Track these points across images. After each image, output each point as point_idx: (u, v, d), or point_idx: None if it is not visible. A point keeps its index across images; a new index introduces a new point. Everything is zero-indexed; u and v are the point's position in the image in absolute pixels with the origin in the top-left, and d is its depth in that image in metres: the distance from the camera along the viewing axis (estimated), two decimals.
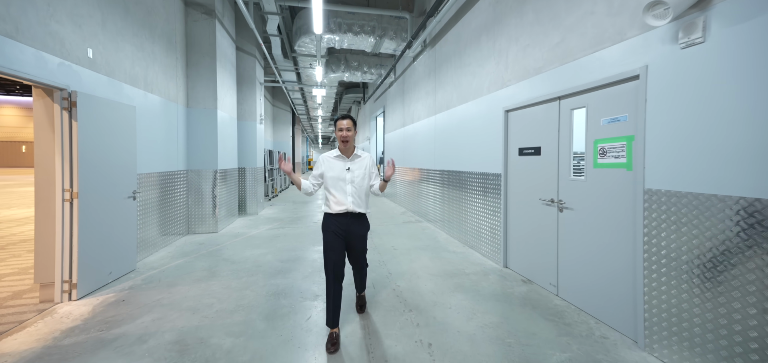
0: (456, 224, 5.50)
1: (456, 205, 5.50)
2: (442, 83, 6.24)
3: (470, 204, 4.99)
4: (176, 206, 5.29)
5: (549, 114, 3.33)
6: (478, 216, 4.75)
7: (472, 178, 4.92)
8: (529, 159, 3.61)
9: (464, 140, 5.23)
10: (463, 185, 5.22)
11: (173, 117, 5.16)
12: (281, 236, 5.70)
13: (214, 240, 5.34)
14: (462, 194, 5.28)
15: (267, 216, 7.75)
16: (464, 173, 5.20)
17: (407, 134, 8.66)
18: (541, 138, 3.44)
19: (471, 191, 4.97)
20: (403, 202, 9.20)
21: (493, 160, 4.34)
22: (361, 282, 2.83)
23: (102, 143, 3.29)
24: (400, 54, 7.40)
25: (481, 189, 4.67)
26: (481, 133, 4.69)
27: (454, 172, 5.62)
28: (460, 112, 5.38)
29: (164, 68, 4.85)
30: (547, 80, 3.33)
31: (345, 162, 2.54)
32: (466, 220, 5.12)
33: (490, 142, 4.42)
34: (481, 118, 4.68)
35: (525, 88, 3.70)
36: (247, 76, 7.76)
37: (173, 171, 5.18)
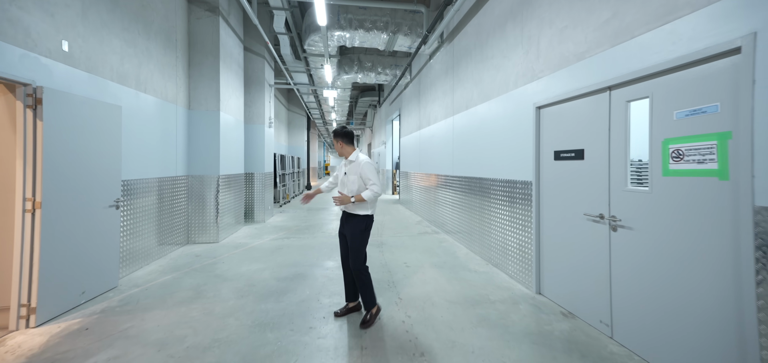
0: (477, 237, 4.87)
1: (477, 216, 4.88)
2: (460, 81, 5.66)
3: (494, 215, 4.36)
4: (174, 215, 4.96)
5: (595, 108, 2.69)
6: (503, 230, 4.12)
7: (496, 186, 4.29)
8: (569, 164, 2.97)
9: (486, 143, 4.62)
10: (486, 193, 4.60)
11: (171, 119, 4.85)
12: (284, 248, 5.25)
13: (212, 251, 4.96)
14: (484, 204, 4.65)
15: (275, 224, 7.37)
16: (486, 180, 4.58)
17: (423, 137, 8.09)
18: (584, 138, 2.80)
19: (495, 201, 4.34)
20: (418, 211, 8.61)
21: (522, 165, 3.71)
22: (363, 295, 2.81)
23: (76, 146, 2.94)
24: (415, 50, 6.87)
25: (506, 199, 4.04)
26: (506, 135, 4.07)
27: (474, 179, 5.00)
28: (482, 112, 4.77)
29: (161, 67, 4.55)
30: (593, 67, 2.70)
31: (345, 167, 2.92)
32: (490, 233, 4.48)
33: (518, 144, 3.80)
34: (507, 117, 4.07)
35: (562, 79, 3.07)
36: (255, 78, 7.46)
37: (171, 177, 4.85)
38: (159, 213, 4.54)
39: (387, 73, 9.60)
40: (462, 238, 5.48)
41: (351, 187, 2.78)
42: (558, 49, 3.15)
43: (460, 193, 5.60)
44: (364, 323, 2.72)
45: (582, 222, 2.80)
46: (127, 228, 3.82)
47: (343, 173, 2.90)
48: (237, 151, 6.44)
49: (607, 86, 2.55)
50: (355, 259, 2.75)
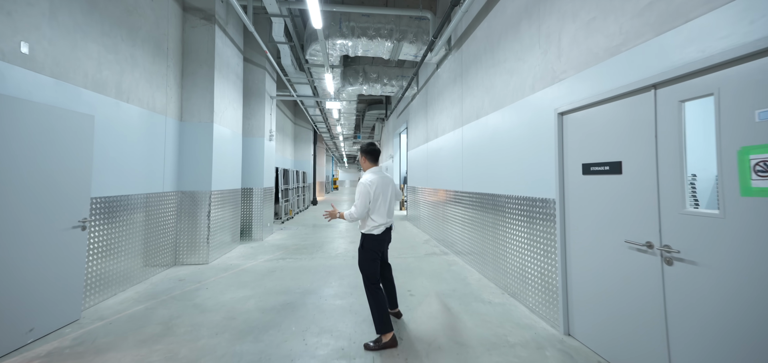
0: (491, 261, 4.33)
1: (490, 237, 4.35)
2: (469, 89, 5.23)
3: (510, 237, 3.84)
4: (160, 234, 4.60)
5: (636, 112, 2.20)
6: (521, 254, 3.59)
7: (512, 204, 3.78)
8: (602, 180, 2.47)
9: (499, 156, 4.14)
10: (500, 212, 4.09)
11: (159, 131, 4.54)
12: (278, 271, 4.81)
13: (198, 275, 4.55)
14: (498, 223, 4.14)
15: (273, 242, 6.96)
16: (500, 197, 4.08)
17: (431, 151, 7.65)
18: (621, 148, 2.31)
19: (510, 220, 3.83)
20: (426, 228, 8.09)
21: (542, 180, 3.21)
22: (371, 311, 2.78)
23: (28, 158, 2.60)
24: (421, 58, 6.51)
25: (524, 218, 3.53)
26: (522, 146, 3.59)
27: (486, 196, 4.50)
28: (494, 122, 4.31)
29: (149, 76, 4.26)
30: (631, 62, 2.23)
31: None
32: (505, 257, 3.95)
33: (536, 156, 3.31)
34: (523, 126, 3.59)
35: (589, 79, 2.61)
36: (255, 90, 7.20)
37: (157, 193, 4.51)
38: (142, 232, 4.18)
39: (393, 85, 9.27)
40: (473, 261, 4.94)
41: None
42: (584, 44, 2.69)
43: (470, 211, 5.10)
44: (367, 346, 2.66)
45: (623, 251, 2.28)
46: (99, 250, 3.45)
47: None
48: (233, 166, 6.11)
49: (650, 84, 2.08)
50: (362, 276, 2.85)
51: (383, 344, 2.62)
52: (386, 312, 2.67)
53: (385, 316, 2.65)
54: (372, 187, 2.79)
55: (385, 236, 2.91)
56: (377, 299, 2.71)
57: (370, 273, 2.79)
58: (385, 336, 2.64)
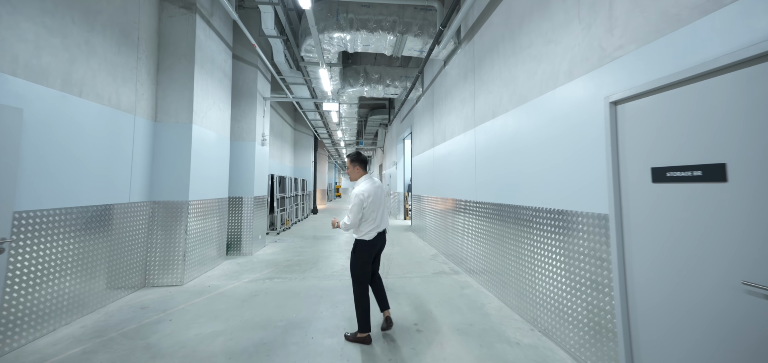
0: (514, 285, 3.61)
1: (512, 256, 3.64)
2: (484, 84, 4.56)
3: (539, 259, 3.12)
4: (125, 251, 3.95)
5: (752, 91, 1.51)
6: (556, 282, 2.87)
7: (541, 219, 3.07)
8: (690, 190, 1.76)
9: (523, 161, 3.44)
10: (524, 227, 3.37)
11: (126, 132, 3.92)
12: (261, 294, 4.12)
13: (166, 300, 3.87)
14: (522, 240, 3.42)
15: (263, 257, 6.28)
16: (524, 209, 3.37)
17: (438, 156, 6.96)
18: (723, 144, 1.61)
19: (539, 239, 3.11)
20: (433, 241, 7.36)
21: (585, 190, 2.51)
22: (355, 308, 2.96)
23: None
24: (427, 53, 5.86)
25: (559, 237, 2.81)
26: (554, 148, 2.90)
27: (506, 207, 3.80)
28: (515, 120, 3.62)
29: (111, 68, 3.66)
30: (741, 19, 1.55)
31: None
32: (533, 283, 3.23)
33: (576, 160, 2.61)
34: (555, 122, 2.91)
35: (664, 52, 1.92)
36: (246, 90, 6.60)
37: (122, 203, 3.87)
38: (100, 251, 3.53)
39: (396, 86, 8.64)
40: (490, 283, 4.21)
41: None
42: (653, 6, 2.01)
43: (485, 223, 4.38)
44: (346, 337, 2.97)
45: (737, 296, 1.56)
46: (28, 277, 2.80)
47: None
48: (218, 172, 5.47)
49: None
50: (351, 276, 2.99)
51: (358, 338, 2.89)
52: (368, 314, 2.92)
53: (367, 317, 2.90)
54: (368, 198, 2.91)
55: (377, 240, 3.02)
56: (363, 302, 2.90)
57: (362, 277, 2.94)
58: (362, 333, 2.89)
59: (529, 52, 3.41)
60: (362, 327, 2.88)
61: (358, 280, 2.93)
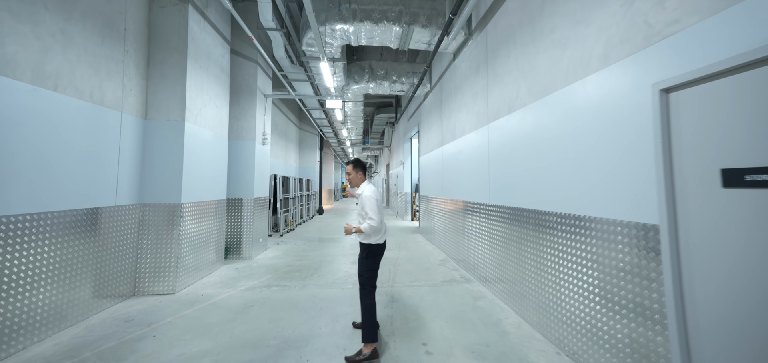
0: (534, 299, 3.22)
1: (532, 267, 3.24)
2: (498, 77, 4.17)
3: (566, 273, 2.73)
4: (112, 258, 3.68)
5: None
6: (587, 301, 2.48)
7: (567, 228, 2.68)
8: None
9: (545, 160, 3.05)
10: (547, 234, 2.98)
11: (111, 130, 3.65)
12: (257, 306, 3.81)
13: (154, 312, 3.59)
14: (543, 250, 3.03)
15: (264, 262, 5.99)
16: (547, 215, 2.98)
17: (447, 155, 6.58)
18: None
19: (565, 249, 2.72)
20: (442, 245, 6.98)
21: (627, 194, 2.11)
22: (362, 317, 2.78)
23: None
24: (436, 45, 5.49)
25: (591, 249, 2.42)
26: (585, 145, 2.51)
27: (525, 212, 3.40)
28: (535, 115, 3.23)
29: (94, 60, 3.38)
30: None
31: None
32: (558, 299, 2.84)
33: (614, 159, 2.22)
34: (586, 116, 2.51)
35: (735, 24, 1.53)
36: (245, 86, 6.31)
37: (107, 207, 3.60)
38: (84, 258, 3.26)
39: (403, 82, 8.27)
40: (506, 294, 3.82)
41: (359, 213, 2.93)
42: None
43: (502, 228, 3.99)
44: (348, 359, 2.63)
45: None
46: (20, 284, 2.53)
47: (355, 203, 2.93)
48: (215, 173, 5.19)
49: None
50: (359, 280, 2.91)
51: (364, 357, 2.62)
52: (376, 321, 2.78)
53: (375, 325, 2.75)
54: (380, 200, 2.92)
55: (384, 244, 3.00)
56: (373, 312, 2.76)
57: (372, 283, 2.88)
58: (368, 347, 2.67)
59: (552, 38, 3.01)
60: (370, 337, 2.71)
61: (369, 287, 2.85)
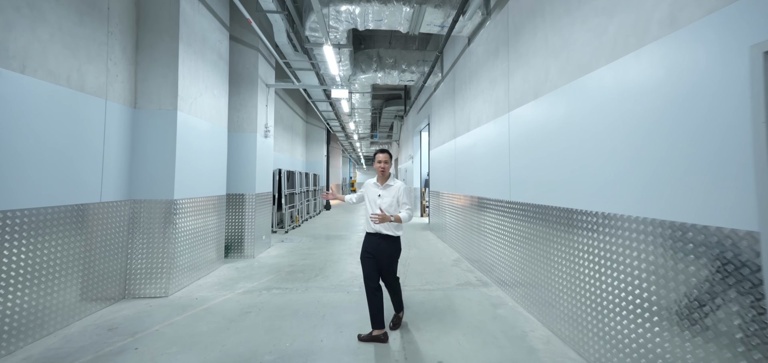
0: (564, 307, 2.78)
1: (564, 272, 2.81)
2: (521, 58, 3.70)
3: (609, 283, 2.29)
4: (98, 258, 3.38)
5: None
6: (642, 320, 2.04)
7: (613, 228, 2.23)
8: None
9: (583, 152, 2.60)
10: (584, 237, 2.54)
11: (94, 119, 3.33)
12: (254, 312, 3.47)
13: (142, 318, 3.28)
14: (579, 254, 2.59)
15: (266, 261, 5.67)
16: (586, 215, 2.53)
17: (460, 148, 6.13)
18: None
19: (612, 256, 2.28)
20: (454, 243, 6.56)
21: (703, 192, 1.66)
22: (396, 300, 3.10)
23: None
24: (449, 28, 5.03)
25: (642, 254, 1.98)
26: (641, 131, 2.05)
27: (555, 211, 2.96)
28: (569, 99, 2.77)
29: (70, 40, 3.05)
30: None
31: (379, 189, 2.99)
32: (598, 312, 2.40)
33: (687, 146, 1.77)
34: (644, 96, 2.06)
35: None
36: (246, 75, 5.96)
37: (92, 203, 3.30)
38: (64, 259, 2.96)
39: (413, 71, 7.82)
40: (530, 301, 3.39)
41: (387, 209, 2.87)
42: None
43: (525, 226, 3.55)
44: (396, 324, 3.09)
45: None
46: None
47: (376, 195, 2.96)
48: (213, 167, 4.86)
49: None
50: (392, 274, 3.02)
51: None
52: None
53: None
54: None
55: None
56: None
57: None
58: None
59: (593, 5, 2.54)
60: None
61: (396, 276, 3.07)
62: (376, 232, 2.89)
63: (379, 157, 2.99)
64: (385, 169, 2.98)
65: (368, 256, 2.90)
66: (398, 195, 2.91)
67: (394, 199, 2.90)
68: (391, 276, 2.99)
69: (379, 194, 2.95)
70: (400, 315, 3.18)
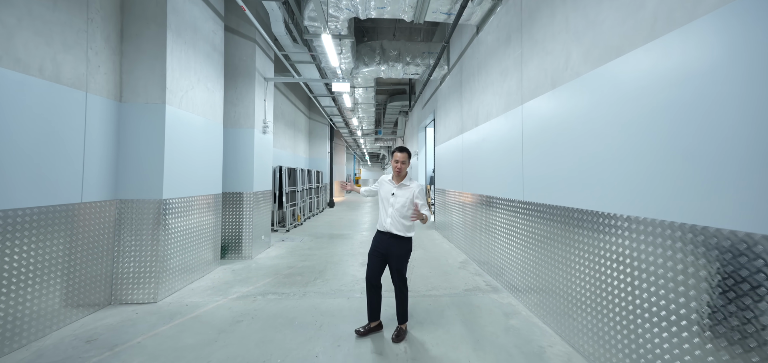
0: (586, 319, 2.47)
1: (585, 280, 2.49)
2: (537, 44, 3.37)
3: (643, 295, 1.97)
4: (81, 262, 3.15)
5: None
6: (681, 338, 1.73)
7: (652, 235, 1.91)
8: None
9: (610, 147, 2.28)
10: (606, 241, 2.22)
11: (73, 113, 3.08)
12: (248, 319, 3.21)
13: (125, 328, 3.04)
14: (604, 261, 2.27)
15: (264, 262, 5.43)
16: (612, 219, 2.21)
17: (468, 144, 5.81)
18: None
19: (647, 267, 1.96)
20: (460, 243, 6.26)
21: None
22: (400, 309, 2.88)
23: None
24: (457, 15, 4.69)
25: (695, 268, 1.66)
26: (692, 122, 1.73)
27: (577, 213, 2.64)
28: (595, 86, 2.45)
29: (42, 27, 2.79)
30: None
31: (393, 187, 2.88)
32: (632, 328, 2.09)
33: (746, 143, 1.44)
34: (692, 79, 1.73)
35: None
36: (243, 68, 5.69)
37: (71, 204, 3.06)
38: (41, 265, 2.73)
39: (418, 63, 7.49)
40: (545, 309, 3.08)
41: (400, 209, 2.81)
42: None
43: (541, 227, 3.24)
44: (399, 336, 2.82)
45: None
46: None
47: (390, 193, 2.87)
48: (207, 164, 4.61)
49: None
50: (400, 276, 2.85)
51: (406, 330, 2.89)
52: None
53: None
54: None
55: None
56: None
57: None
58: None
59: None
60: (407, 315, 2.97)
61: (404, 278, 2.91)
62: (387, 231, 2.82)
63: (397, 156, 2.87)
64: (402, 169, 2.86)
65: (376, 254, 2.85)
66: (413, 195, 2.81)
67: (408, 200, 2.80)
68: (399, 277, 2.85)
69: (393, 192, 2.87)
70: (404, 327, 2.92)
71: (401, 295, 2.87)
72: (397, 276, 2.85)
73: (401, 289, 2.87)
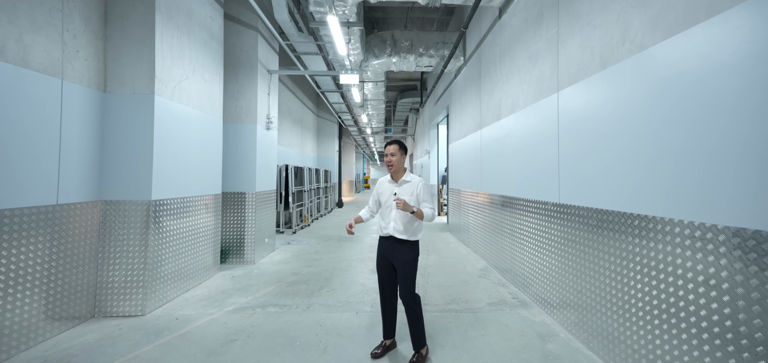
0: (653, 349, 1.96)
1: (650, 296, 1.97)
2: (578, 17, 2.85)
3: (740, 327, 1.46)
4: (61, 271, 2.79)
5: None
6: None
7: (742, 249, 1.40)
8: None
9: (693, 137, 1.76)
10: (681, 257, 1.70)
11: (47, 104, 2.72)
12: (243, 337, 2.80)
13: (103, 346, 2.66)
14: (667, 274, 1.76)
15: (268, 267, 5.03)
16: (692, 228, 1.70)
17: (487, 141, 5.29)
18: None
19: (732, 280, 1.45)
20: (478, 247, 5.75)
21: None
22: (415, 332, 2.47)
23: None
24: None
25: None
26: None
27: (638, 219, 2.12)
28: (670, 61, 1.93)
29: (8, 5, 2.42)
30: None
31: (394, 186, 2.62)
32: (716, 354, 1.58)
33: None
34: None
35: None
36: (244, 59, 5.30)
37: (44, 206, 2.69)
38: (10, 274, 2.37)
39: (431, 55, 6.98)
40: (587, 331, 2.57)
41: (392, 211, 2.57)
42: None
43: (584, 235, 2.72)
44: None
45: None
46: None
47: (391, 193, 2.60)
48: (204, 162, 4.23)
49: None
50: (407, 289, 2.46)
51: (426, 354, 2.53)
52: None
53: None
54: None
55: None
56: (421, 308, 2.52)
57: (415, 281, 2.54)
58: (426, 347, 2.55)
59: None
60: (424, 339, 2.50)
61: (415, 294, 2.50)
62: (389, 236, 2.54)
63: (387, 149, 2.62)
64: (392, 162, 2.58)
65: (384, 262, 2.59)
66: (416, 192, 2.55)
67: (411, 198, 2.54)
68: (408, 293, 2.45)
69: (395, 192, 2.59)
70: (424, 352, 2.49)
71: (414, 316, 2.47)
72: (406, 291, 2.46)
73: (413, 309, 2.47)
